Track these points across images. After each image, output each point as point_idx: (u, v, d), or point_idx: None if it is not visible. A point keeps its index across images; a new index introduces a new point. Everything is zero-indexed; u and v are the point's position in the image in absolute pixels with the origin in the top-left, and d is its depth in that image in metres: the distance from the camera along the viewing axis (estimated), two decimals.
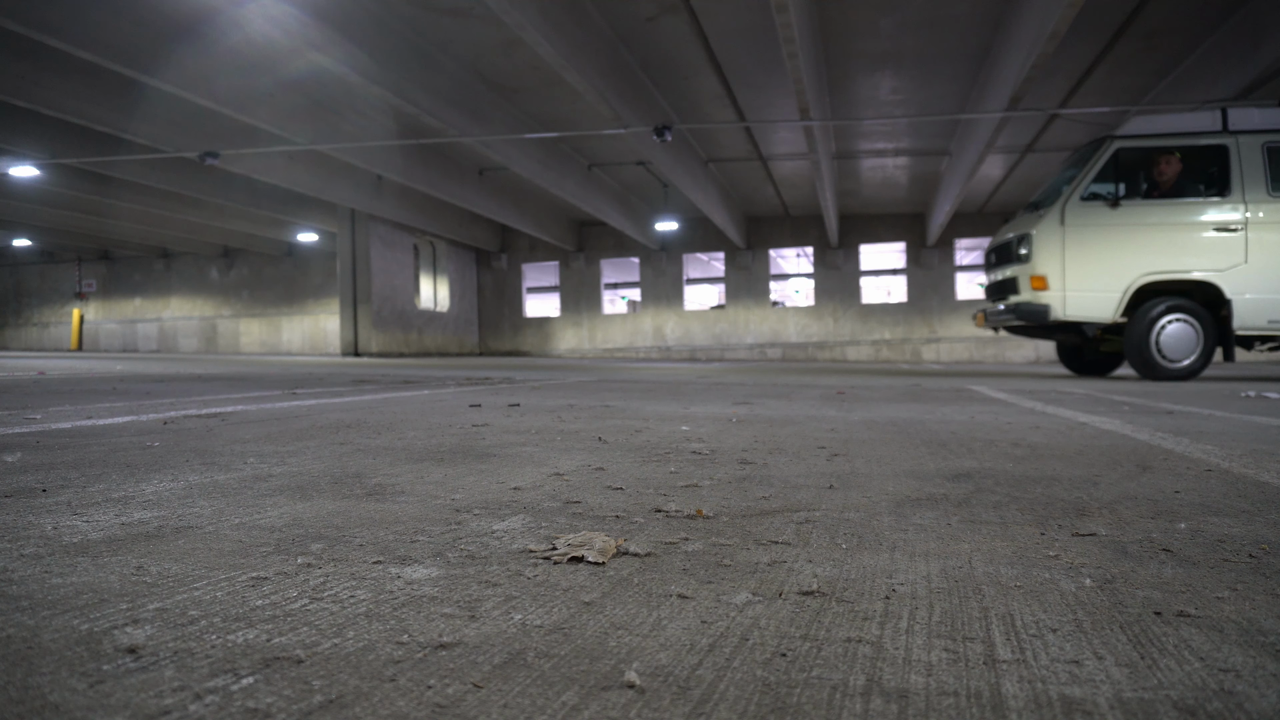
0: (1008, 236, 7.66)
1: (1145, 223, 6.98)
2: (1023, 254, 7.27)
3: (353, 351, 18.92)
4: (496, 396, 4.13)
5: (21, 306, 28.89)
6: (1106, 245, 7.01)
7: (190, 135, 12.30)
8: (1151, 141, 7.02)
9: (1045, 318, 7.09)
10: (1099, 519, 1.26)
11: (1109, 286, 7.03)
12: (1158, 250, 6.96)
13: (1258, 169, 6.90)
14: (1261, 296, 6.86)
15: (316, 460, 1.82)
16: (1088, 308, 7.07)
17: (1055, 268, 7.06)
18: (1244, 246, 6.85)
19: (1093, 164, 7.07)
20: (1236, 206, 6.88)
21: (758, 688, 0.62)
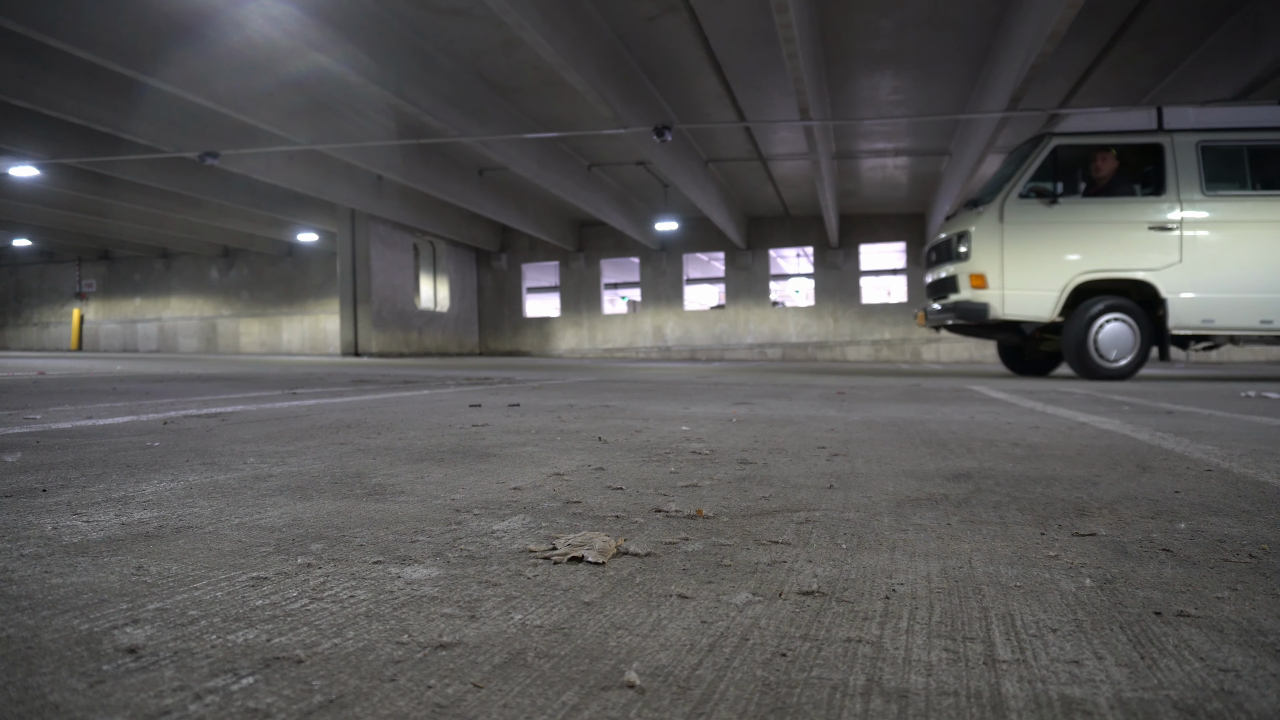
0: (947, 234, 7.59)
1: (1083, 221, 6.96)
2: (962, 252, 7.20)
3: (353, 351, 18.92)
4: (496, 396, 4.13)
5: (21, 306, 28.89)
6: (1045, 243, 6.98)
7: (190, 135, 12.31)
8: (1089, 139, 6.99)
9: (984, 316, 7.01)
10: (1099, 519, 1.26)
11: (1047, 285, 6.98)
12: (1095, 249, 6.94)
13: (1192, 168, 6.89)
14: (1196, 296, 6.84)
15: (316, 460, 1.82)
16: (1026, 306, 7.01)
17: (994, 266, 6.99)
18: (1179, 245, 6.83)
19: (1031, 161, 7.01)
20: (1172, 205, 6.87)
21: (758, 688, 0.62)
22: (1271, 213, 6.78)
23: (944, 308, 7.39)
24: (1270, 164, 6.99)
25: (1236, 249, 6.79)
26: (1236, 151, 6.95)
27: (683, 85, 11.85)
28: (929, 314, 7.79)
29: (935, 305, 7.65)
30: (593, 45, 9.75)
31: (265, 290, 25.78)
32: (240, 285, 26.09)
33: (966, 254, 7.12)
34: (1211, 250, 6.81)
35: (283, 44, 9.25)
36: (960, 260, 7.22)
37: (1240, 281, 6.80)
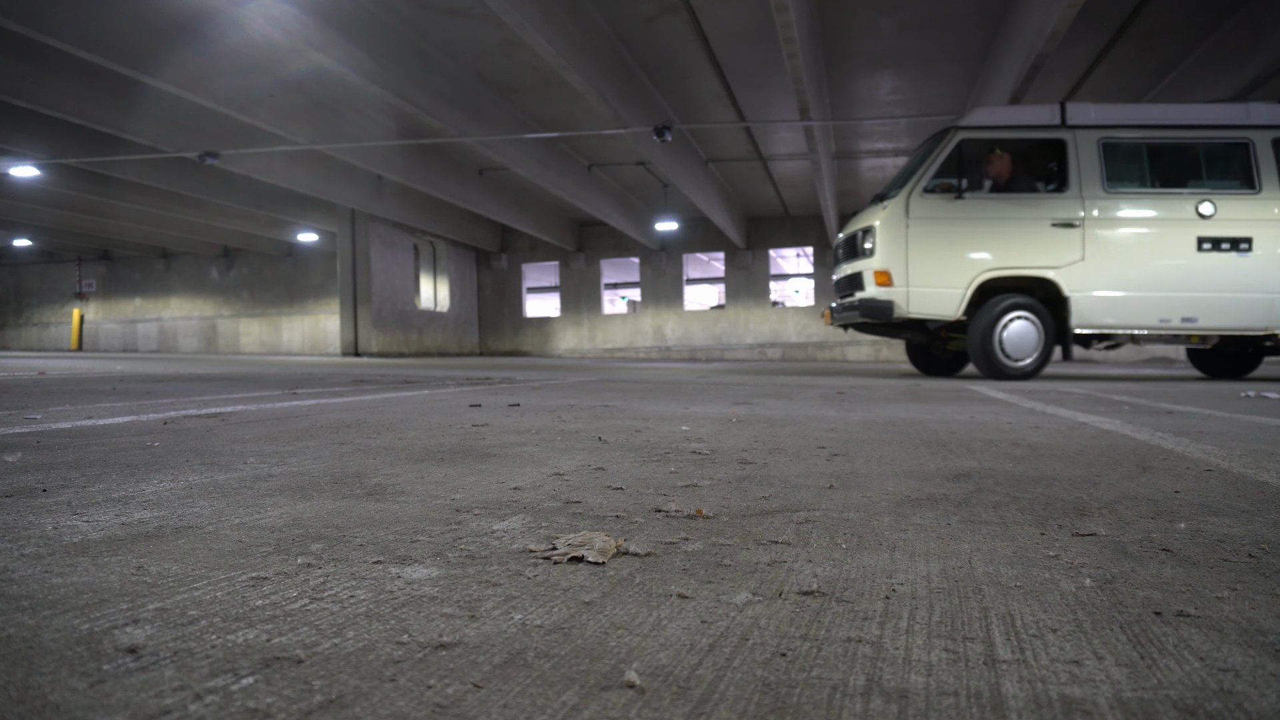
0: (853, 230, 7.41)
1: (988, 217, 6.83)
2: (867, 248, 7.02)
3: (353, 351, 18.92)
4: (496, 396, 4.13)
5: (22, 306, 28.89)
6: (950, 240, 6.82)
7: (190, 135, 12.31)
8: (994, 134, 6.87)
9: (889, 315, 6.83)
10: (1099, 519, 1.26)
11: (952, 282, 6.82)
12: (1000, 245, 6.82)
13: (1094, 164, 6.81)
14: (1098, 294, 6.77)
15: (316, 460, 1.82)
16: (932, 304, 6.84)
17: (899, 262, 6.81)
18: (1081, 243, 6.75)
19: (936, 155, 6.85)
20: (1075, 202, 6.78)
21: (758, 688, 0.62)
22: (1170, 210, 6.75)
23: (850, 306, 7.19)
24: (1169, 162, 6.96)
25: (1136, 247, 6.75)
26: (1137, 149, 6.91)
27: (683, 85, 11.85)
28: (836, 312, 7.58)
29: (842, 303, 7.46)
30: (593, 45, 9.74)
31: (265, 290, 25.77)
32: (240, 285, 26.09)
33: (871, 250, 6.95)
34: (1113, 248, 6.76)
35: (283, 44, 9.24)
36: (865, 257, 7.04)
37: (1140, 280, 6.75)
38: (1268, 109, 6.92)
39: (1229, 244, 6.72)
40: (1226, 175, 6.90)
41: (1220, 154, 6.94)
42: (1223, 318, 6.79)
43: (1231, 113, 6.94)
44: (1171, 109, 6.97)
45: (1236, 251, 6.72)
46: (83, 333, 27.70)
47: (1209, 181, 6.87)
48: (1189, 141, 6.89)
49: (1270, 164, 6.81)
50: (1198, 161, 6.97)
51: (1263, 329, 6.84)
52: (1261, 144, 6.84)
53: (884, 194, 7.27)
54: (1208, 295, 6.74)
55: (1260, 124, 6.87)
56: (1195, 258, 6.72)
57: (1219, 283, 6.72)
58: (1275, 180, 6.78)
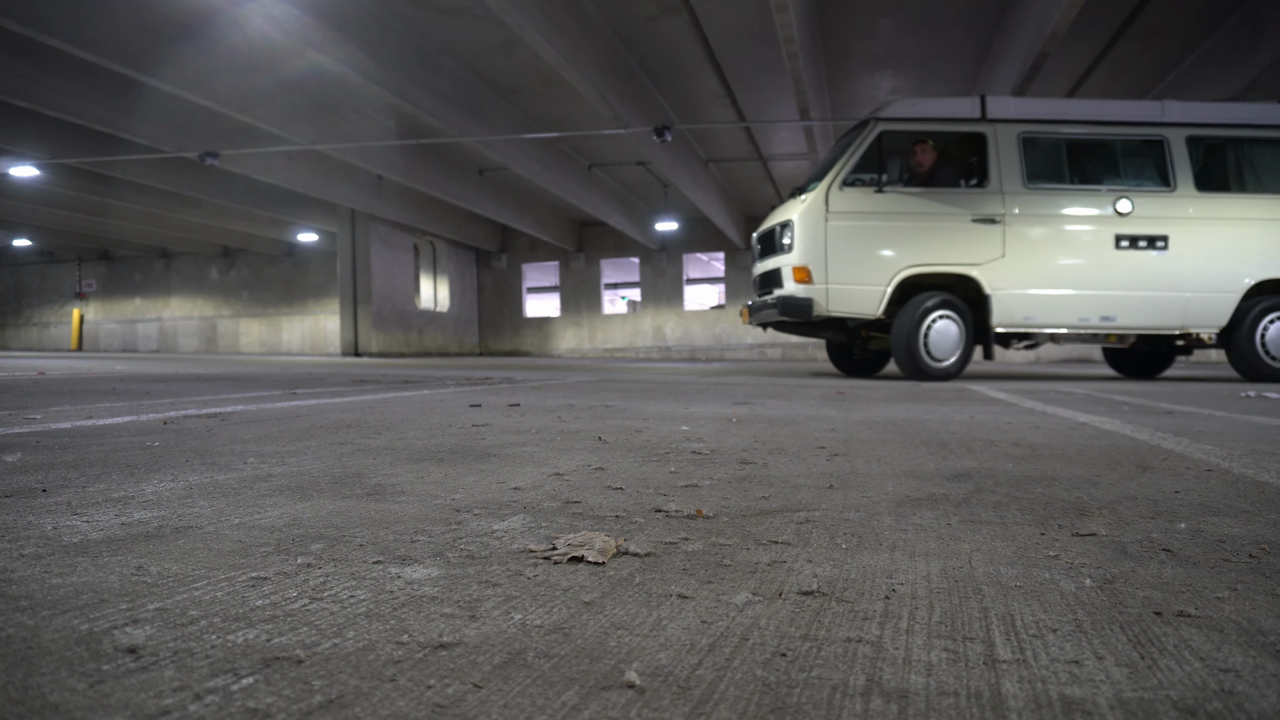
0: (771, 224, 7.14)
1: (909, 212, 6.59)
2: (785, 243, 6.73)
3: (353, 351, 18.92)
4: (496, 396, 4.13)
5: (21, 306, 28.89)
6: (870, 235, 6.56)
7: (190, 135, 12.31)
8: (915, 126, 6.67)
9: (809, 313, 6.55)
10: (1099, 519, 1.26)
11: (873, 279, 6.56)
12: (921, 241, 6.58)
13: (1014, 159, 6.64)
14: (1019, 292, 6.61)
15: (316, 460, 1.82)
16: (852, 302, 6.58)
17: (818, 258, 6.52)
18: (1002, 240, 6.57)
19: (857, 147, 6.59)
20: (995, 197, 6.60)
21: (758, 688, 0.62)
22: (1089, 207, 6.65)
23: (768, 303, 6.89)
24: (1087, 158, 6.85)
25: (1056, 244, 6.61)
26: (1056, 144, 6.77)
27: (683, 85, 11.85)
28: (754, 310, 7.27)
29: (760, 300, 7.16)
30: (593, 45, 9.74)
31: (265, 290, 25.77)
32: (240, 285, 26.08)
33: (790, 245, 6.67)
34: (1033, 245, 6.60)
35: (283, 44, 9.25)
36: (784, 252, 6.77)
37: (1060, 278, 6.62)
38: (1182, 106, 6.85)
39: (1146, 242, 6.65)
40: (1143, 172, 6.82)
41: (1136, 151, 6.86)
42: (1140, 316, 6.71)
43: (1147, 109, 6.86)
44: (1090, 104, 6.87)
45: (1153, 250, 6.65)
46: (82, 333, 27.71)
47: (1126, 178, 6.78)
48: (1106, 138, 6.79)
49: (1184, 162, 6.74)
50: (1115, 158, 6.88)
51: (1178, 328, 6.76)
52: (1176, 141, 6.76)
53: (803, 187, 7.03)
54: (1125, 294, 6.65)
55: (1174, 121, 6.80)
56: (1113, 256, 6.63)
57: (1136, 281, 6.64)
58: (1189, 178, 6.72)
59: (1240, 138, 6.85)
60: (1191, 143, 6.79)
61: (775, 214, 7.26)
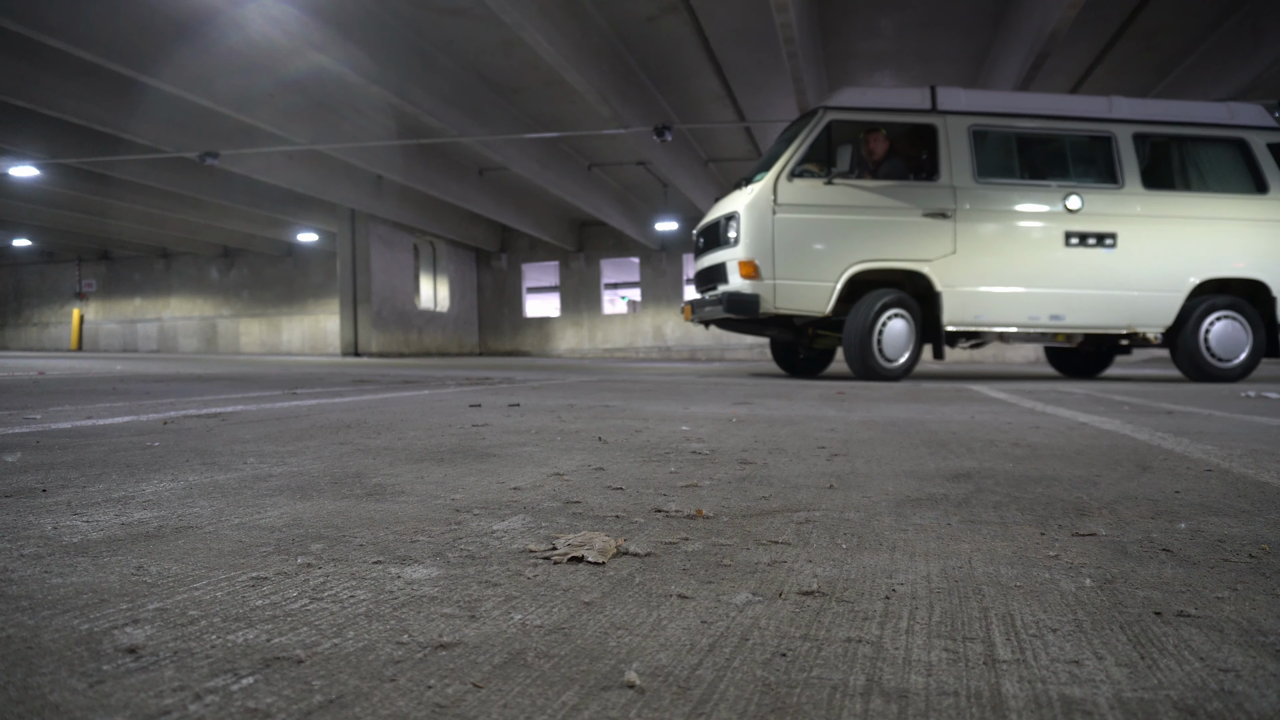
0: (715, 216, 6.79)
1: (859, 205, 6.30)
2: (731, 236, 6.39)
3: (353, 351, 18.92)
4: (496, 396, 4.13)
5: (21, 306, 28.89)
6: (820, 228, 6.25)
7: (190, 135, 12.31)
8: (864, 116, 6.42)
9: (756, 310, 6.20)
10: (1099, 519, 1.26)
11: (823, 275, 6.26)
12: (872, 236, 6.30)
13: (964, 153, 6.43)
14: (969, 289, 6.39)
15: (316, 460, 1.82)
16: (801, 299, 6.25)
17: (765, 253, 6.18)
18: (953, 235, 6.33)
19: (805, 136, 6.29)
20: (946, 192, 6.36)
21: (758, 688, 0.62)
22: (1039, 203, 6.48)
23: (713, 300, 6.54)
24: (1037, 153, 6.70)
25: (1006, 241, 6.42)
26: (1006, 138, 6.59)
27: (683, 85, 11.85)
28: (696, 308, 6.91)
29: (703, 297, 6.80)
30: (593, 45, 9.75)
31: (265, 290, 25.77)
32: (240, 285, 26.08)
33: (736, 239, 6.33)
34: (984, 241, 6.39)
35: (283, 44, 9.24)
36: (729, 246, 6.43)
37: (1010, 275, 6.43)
38: (1129, 103, 6.78)
39: (1095, 239, 6.53)
40: (1091, 169, 6.70)
41: (1085, 147, 6.74)
42: (1089, 315, 6.59)
43: (1094, 105, 6.77)
44: (1039, 98, 6.72)
45: (1102, 247, 6.53)
46: (82, 333, 27.71)
47: (1075, 175, 6.64)
48: (1055, 133, 6.65)
49: (1131, 159, 6.64)
50: (1064, 154, 6.73)
51: (1125, 327, 6.67)
52: (1123, 138, 6.67)
53: (749, 178, 6.70)
54: (1075, 292, 6.51)
55: (1122, 118, 6.72)
56: (1063, 253, 6.49)
57: (1085, 279, 6.51)
58: (1137, 176, 6.62)
59: (1183, 136, 6.80)
60: (1138, 140, 6.72)
61: (719, 206, 6.95)
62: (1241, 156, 6.86)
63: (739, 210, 6.31)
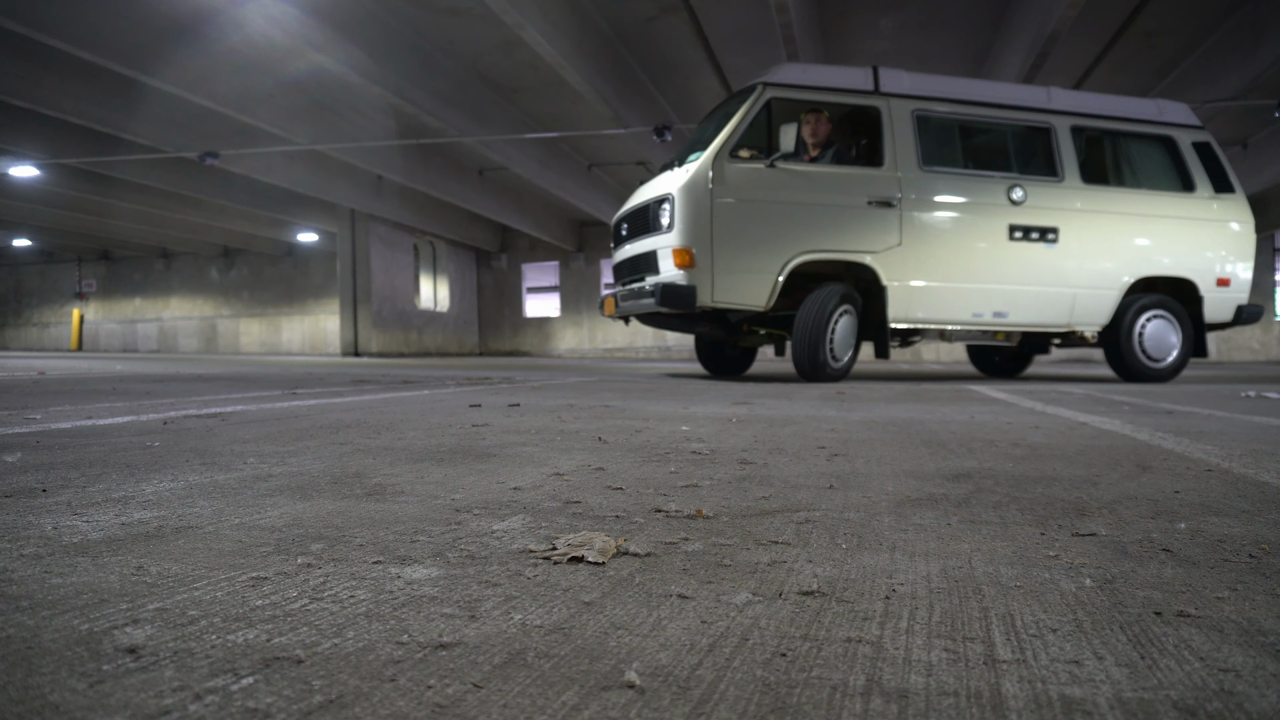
0: (644, 199, 6.17)
1: (802, 190, 5.81)
2: (664, 222, 5.81)
3: (353, 351, 18.92)
4: (496, 396, 4.13)
5: (21, 306, 28.89)
6: (761, 215, 5.72)
7: (190, 135, 12.31)
8: (805, 94, 5.96)
9: (693, 303, 5.61)
10: (1099, 519, 1.26)
11: (764, 266, 5.73)
12: (815, 224, 5.81)
13: (909, 138, 6.06)
14: (915, 284, 6.03)
15: (316, 460, 1.82)
16: (740, 292, 5.71)
17: (703, 240, 5.62)
18: (899, 226, 5.95)
19: (746, 114, 5.78)
20: (891, 179, 5.98)
21: (758, 688, 0.62)
22: (984, 195, 6.17)
23: (641, 292, 5.94)
24: (980, 142, 6.45)
25: (952, 233, 6.10)
26: (950, 125, 6.28)
27: (683, 85, 11.85)
28: (621, 301, 6.33)
29: (629, 289, 6.21)
30: (593, 45, 9.75)
31: (265, 290, 25.78)
32: (240, 285, 26.08)
33: (669, 224, 5.74)
34: (929, 233, 6.03)
35: (283, 44, 9.25)
36: (661, 232, 5.85)
37: (956, 269, 6.12)
38: (1066, 95, 6.59)
39: (1038, 234, 6.28)
40: (1032, 161, 6.47)
41: (1025, 138, 6.50)
42: (1031, 313, 6.35)
43: (1034, 95, 6.52)
44: (982, 85, 6.46)
45: (1044, 243, 6.29)
46: (82, 333, 27.71)
47: (1017, 166, 6.40)
48: (997, 122, 6.39)
49: (1070, 152, 6.44)
50: (1006, 144, 6.47)
51: (1065, 326, 6.48)
52: (1062, 130, 6.47)
53: (680, 159, 6.15)
54: (1019, 289, 6.26)
55: (1061, 109, 6.51)
56: (1007, 248, 6.22)
57: (1028, 275, 6.28)
58: (1076, 169, 6.42)
59: (1117, 131, 6.68)
60: (1076, 132, 6.54)
61: (645, 189, 6.37)
62: (1169, 154, 6.77)
63: (673, 193, 5.73)
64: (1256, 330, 19.99)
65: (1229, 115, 12.04)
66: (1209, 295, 6.77)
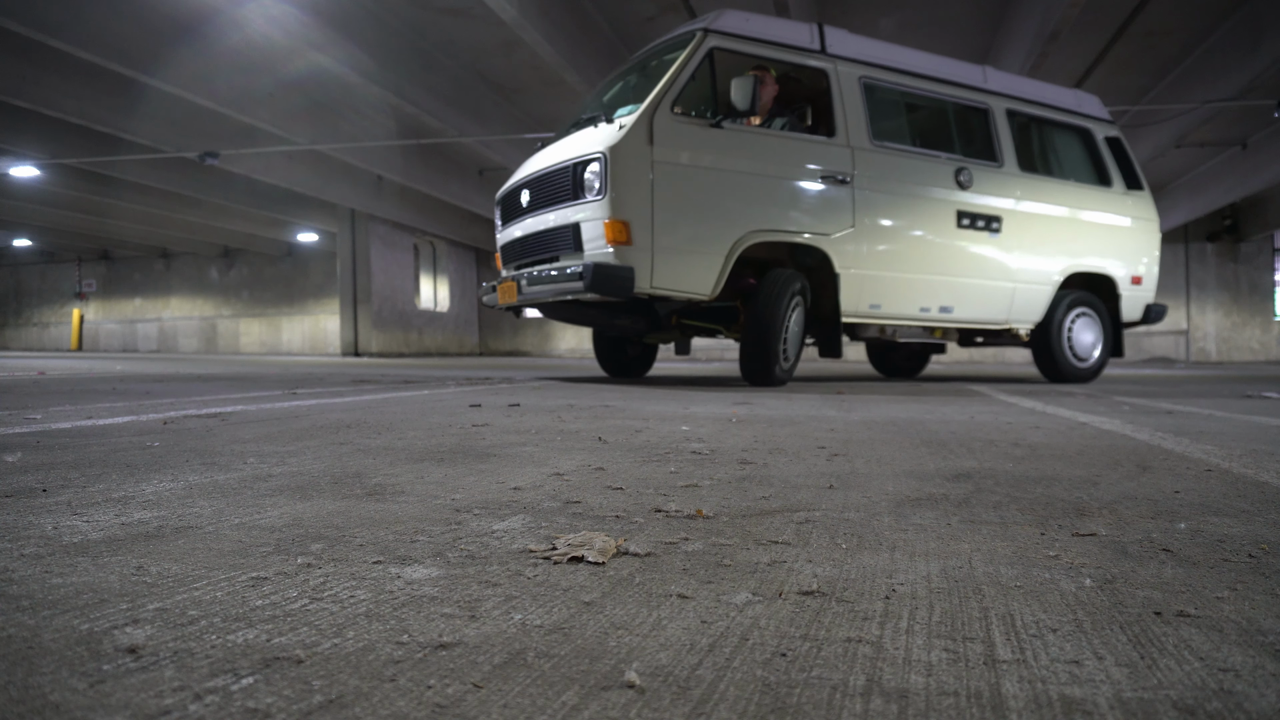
0: (557, 161, 5.02)
1: (752, 158, 4.95)
2: (593, 187, 4.71)
3: (353, 351, 18.92)
4: (496, 396, 4.13)
5: (21, 306, 28.89)
6: (710, 185, 4.83)
7: (190, 135, 12.31)
8: (749, 47, 5.11)
9: (630, 288, 4.60)
10: (1099, 519, 1.26)
11: (710, 246, 4.83)
12: (767, 199, 5.00)
13: (859, 108, 5.37)
14: (867, 273, 5.35)
15: (316, 460, 1.82)
16: (683, 277, 4.78)
17: (642, 211, 4.65)
18: (852, 206, 5.25)
19: (685, 64, 4.86)
20: (843, 152, 5.27)
21: (758, 688, 0.62)
22: (933, 177, 5.59)
23: (558, 275, 4.78)
24: (925, 118, 5.91)
25: (903, 218, 5.49)
26: (894, 97, 5.67)
27: None
28: (523, 287, 5.08)
29: (536, 271, 5.02)
30: (593, 45, 9.75)
31: (265, 290, 25.78)
32: (240, 285, 26.09)
33: (599, 190, 4.66)
34: (882, 216, 5.38)
35: (283, 44, 9.24)
36: (585, 200, 4.76)
37: (906, 258, 5.52)
38: (1001, 75, 6.19)
39: (984, 222, 5.78)
40: (973, 144, 5.97)
41: (965, 118, 5.99)
42: (976, 309, 5.89)
43: (971, 72, 6.03)
44: (925, 57, 5.87)
45: (989, 232, 5.80)
46: (82, 333, 27.71)
47: (960, 148, 5.89)
48: (939, 98, 5.85)
49: (1008, 136, 6.01)
50: (949, 123, 5.93)
51: (1004, 322, 6.08)
52: (999, 113, 6.04)
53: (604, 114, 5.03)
54: (964, 281, 5.77)
55: (996, 90, 6.07)
56: (955, 236, 5.68)
57: (973, 268, 5.79)
58: (1013, 156, 6.00)
59: (1043, 119, 6.33)
60: (1010, 116, 6.11)
61: (556, 149, 5.21)
62: (1086, 147, 6.53)
63: (603, 152, 4.65)
64: (1256, 330, 20.00)
65: (1229, 115, 12.04)
66: (1126, 293, 6.59)
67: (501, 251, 5.77)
